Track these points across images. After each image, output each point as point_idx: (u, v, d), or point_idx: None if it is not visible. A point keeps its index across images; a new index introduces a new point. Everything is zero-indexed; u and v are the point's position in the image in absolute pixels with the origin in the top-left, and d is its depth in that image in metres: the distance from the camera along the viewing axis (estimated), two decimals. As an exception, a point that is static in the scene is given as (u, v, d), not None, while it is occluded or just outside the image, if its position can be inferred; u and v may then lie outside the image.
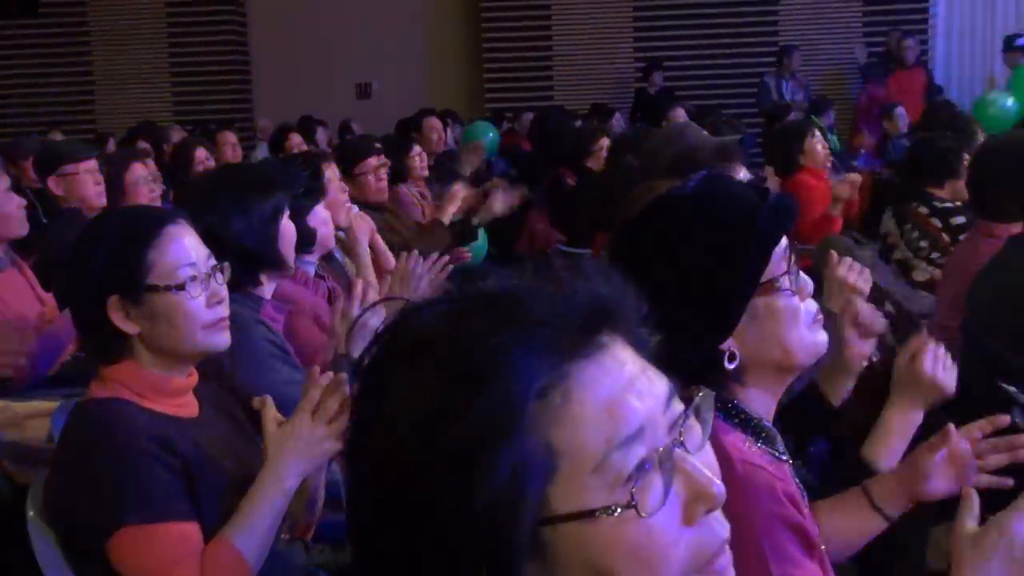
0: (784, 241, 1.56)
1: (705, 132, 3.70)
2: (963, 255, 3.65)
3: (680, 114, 7.54)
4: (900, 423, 2.05)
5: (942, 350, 2.05)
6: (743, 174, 2.84)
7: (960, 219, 4.36)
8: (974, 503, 1.44)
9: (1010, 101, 7.44)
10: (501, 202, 4.87)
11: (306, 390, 1.93)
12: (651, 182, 2.10)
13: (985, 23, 12.62)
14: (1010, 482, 1.87)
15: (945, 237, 4.39)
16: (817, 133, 5.50)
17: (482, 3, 12.51)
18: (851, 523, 1.89)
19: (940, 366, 2.04)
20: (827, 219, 4.99)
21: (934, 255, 4.41)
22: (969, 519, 1.43)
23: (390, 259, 4.24)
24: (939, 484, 1.88)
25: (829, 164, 5.56)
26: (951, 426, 1.86)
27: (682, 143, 3.19)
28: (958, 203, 4.39)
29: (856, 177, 5.50)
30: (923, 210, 4.46)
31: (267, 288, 2.77)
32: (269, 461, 1.90)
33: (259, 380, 2.37)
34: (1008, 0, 12.65)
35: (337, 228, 3.74)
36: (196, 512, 1.87)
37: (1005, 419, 1.92)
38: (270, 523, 1.87)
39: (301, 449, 1.89)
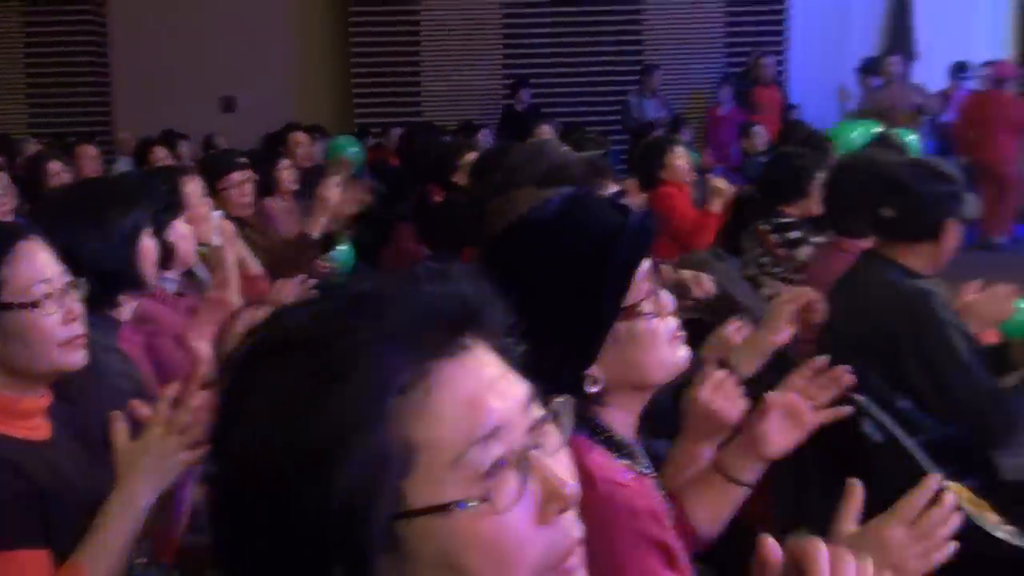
0: (647, 262, 1.58)
1: (566, 148, 3.74)
2: (817, 270, 3.78)
3: (546, 131, 7.61)
4: (684, 457, 2.01)
5: (730, 381, 1.98)
6: (613, 189, 2.89)
7: (795, 234, 4.54)
8: (856, 503, 1.49)
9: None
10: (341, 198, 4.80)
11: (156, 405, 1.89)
12: (512, 194, 2.11)
13: (838, 43, 13.12)
14: (849, 409, 1.92)
15: (781, 251, 4.56)
16: (678, 148, 5.63)
17: (350, 18, 12.44)
18: (715, 500, 1.91)
19: (721, 397, 1.96)
20: (687, 235, 5.12)
21: (776, 270, 4.59)
22: (849, 521, 1.49)
23: (253, 265, 4.19)
24: (781, 440, 1.91)
25: (690, 178, 5.69)
26: (768, 396, 1.90)
27: (543, 159, 3.22)
28: (794, 219, 4.56)
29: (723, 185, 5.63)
30: (765, 227, 4.63)
31: (126, 309, 2.68)
32: (120, 480, 1.84)
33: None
34: (863, 22, 13.19)
35: (200, 244, 3.66)
36: (48, 538, 1.81)
37: (823, 360, 1.98)
38: (123, 544, 1.81)
39: (153, 465, 1.84)
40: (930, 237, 2.98)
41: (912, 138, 5.91)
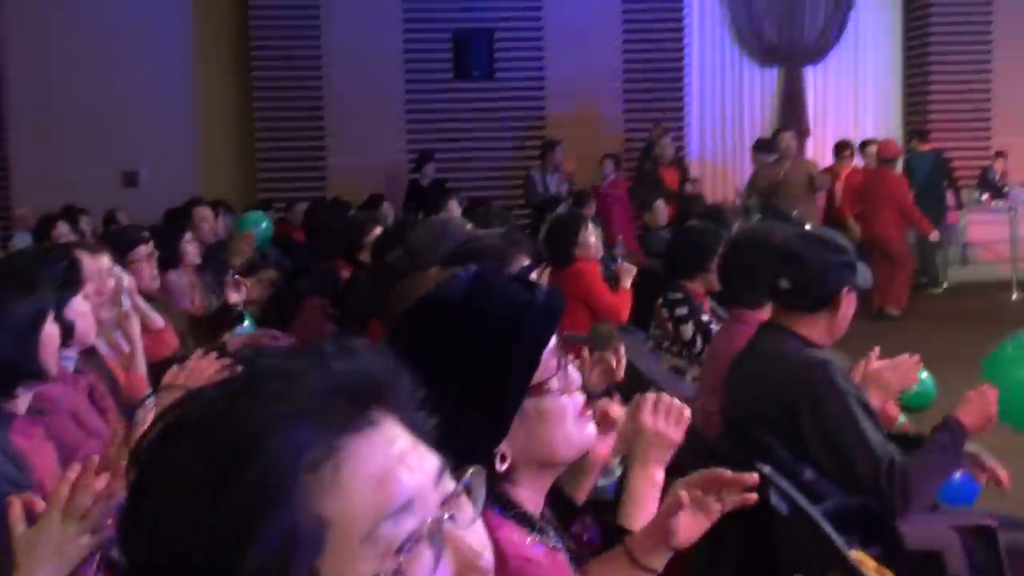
0: (554, 340, 1.59)
1: (469, 224, 3.78)
2: (720, 342, 3.84)
3: (453, 206, 7.66)
4: (642, 484, 2.02)
5: (665, 399, 2.03)
6: (527, 263, 2.92)
7: (682, 310, 4.62)
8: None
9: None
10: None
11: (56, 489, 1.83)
12: (420, 273, 2.12)
13: (734, 120, 13.51)
14: (754, 497, 1.94)
15: (670, 327, 4.65)
16: (590, 225, 5.70)
17: (255, 93, 12.44)
18: None
19: (661, 417, 2.00)
20: (622, 292, 5.20)
21: (665, 343, 4.67)
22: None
23: (156, 320, 4.14)
24: (690, 531, 1.91)
25: (600, 255, 5.76)
26: (682, 493, 1.92)
27: (448, 236, 3.25)
28: (683, 295, 4.65)
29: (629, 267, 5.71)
30: (665, 313, 4.71)
31: (22, 400, 2.51)
32: (18, 568, 1.78)
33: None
34: (754, 103, 13.60)
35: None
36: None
37: (753, 477, 1.99)
38: None
39: (52, 551, 1.77)
40: (825, 307, 3.03)
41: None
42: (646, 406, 2.01)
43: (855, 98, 13.89)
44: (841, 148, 11.77)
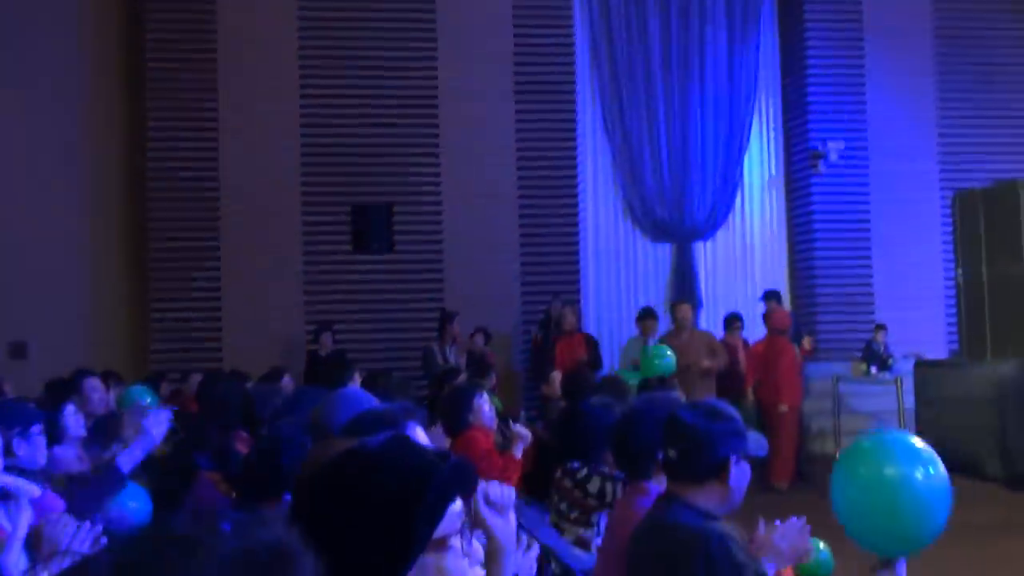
0: (460, 503, 1.64)
1: (373, 397, 3.79)
2: (620, 513, 3.85)
3: (353, 377, 7.64)
4: None
5: None
6: (420, 434, 2.94)
7: (583, 471, 4.63)
8: None
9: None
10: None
11: None
12: (332, 439, 2.14)
13: (628, 291, 13.84)
14: None
15: (574, 492, 4.62)
16: (484, 394, 5.75)
17: (151, 262, 12.37)
18: None
19: None
20: (512, 461, 5.18)
21: (573, 513, 4.65)
22: None
23: (32, 490, 4.02)
24: None
25: (495, 424, 5.79)
26: None
27: (350, 407, 3.26)
28: (586, 466, 4.65)
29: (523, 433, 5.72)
30: (567, 483, 4.67)
31: None
32: None
33: None
34: (648, 276, 13.98)
35: None
36: None
37: None
38: None
39: None
40: (715, 476, 3.06)
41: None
42: None
43: (744, 273, 14.38)
44: (731, 321, 12.09)
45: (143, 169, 12.48)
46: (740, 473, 3.09)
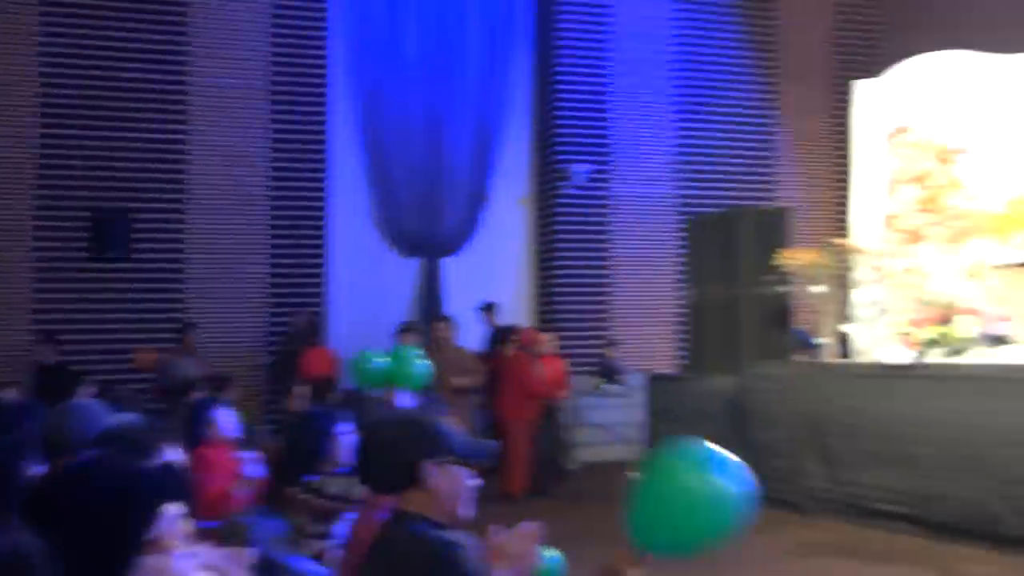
0: (178, 507, 1.74)
1: (103, 408, 3.66)
2: (357, 528, 3.83)
3: (86, 391, 7.34)
4: None
5: None
6: (169, 451, 2.86)
7: (315, 478, 4.60)
8: None
9: (382, 361, 8.35)
10: None
11: None
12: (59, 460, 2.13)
13: (376, 305, 13.77)
14: None
15: (309, 498, 4.58)
16: (224, 408, 5.63)
17: None
18: None
19: None
20: (226, 496, 5.04)
21: (316, 528, 4.62)
22: None
23: None
24: None
25: (234, 438, 5.67)
26: None
27: (87, 421, 3.14)
28: (321, 477, 4.62)
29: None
30: (293, 489, 4.60)
31: None
32: None
33: None
34: (388, 290, 13.95)
35: None
36: None
37: None
38: None
39: None
40: (411, 483, 3.07)
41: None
42: None
43: (490, 289, 14.62)
44: (504, 333, 12.12)
45: None
46: (447, 478, 3.10)
